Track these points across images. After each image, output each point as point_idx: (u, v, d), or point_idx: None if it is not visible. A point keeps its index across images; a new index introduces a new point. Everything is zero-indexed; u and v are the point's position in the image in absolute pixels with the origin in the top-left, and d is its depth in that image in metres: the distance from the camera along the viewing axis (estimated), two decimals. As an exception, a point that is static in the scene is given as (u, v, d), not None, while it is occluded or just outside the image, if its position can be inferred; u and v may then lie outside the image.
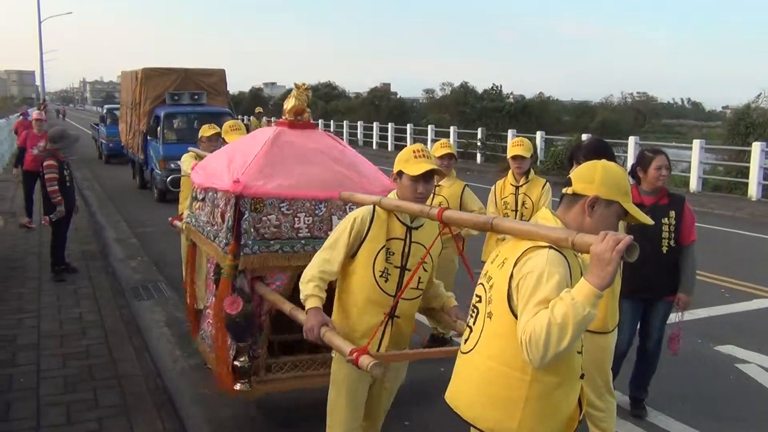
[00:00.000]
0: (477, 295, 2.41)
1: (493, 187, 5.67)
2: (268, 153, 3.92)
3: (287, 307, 3.48)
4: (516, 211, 5.42)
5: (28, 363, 5.09)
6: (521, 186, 5.44)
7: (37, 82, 66.11)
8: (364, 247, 3.08)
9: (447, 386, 2.53)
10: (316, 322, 2.96)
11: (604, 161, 2.34)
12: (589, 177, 2.27)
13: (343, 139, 31.29)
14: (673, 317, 4.45)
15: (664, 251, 4.26)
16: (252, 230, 3.72)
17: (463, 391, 2.39)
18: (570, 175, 2.36)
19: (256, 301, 3.85)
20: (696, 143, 17.44)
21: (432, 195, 5.46)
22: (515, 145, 5.50)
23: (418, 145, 3.18)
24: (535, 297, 2.08)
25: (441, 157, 5.34)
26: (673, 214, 4.25)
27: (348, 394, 3.17)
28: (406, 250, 3.12)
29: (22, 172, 10.88)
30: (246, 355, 3.85)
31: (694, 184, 17.03)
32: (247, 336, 3.83)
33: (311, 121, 4.30)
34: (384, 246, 3.09)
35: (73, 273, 7.76)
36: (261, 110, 22.25)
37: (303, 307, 3.10)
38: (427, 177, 3.06)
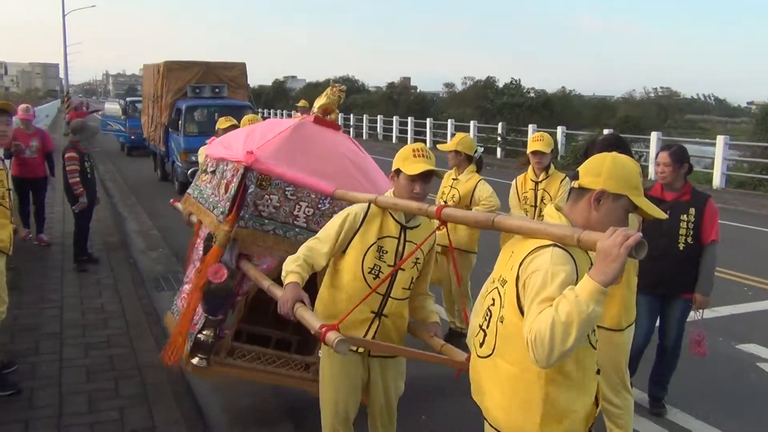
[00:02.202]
0: (492, 298, 2.36)
1: (513, 182, 5.65)
2: (288, 138, 3.89)
3: (266, 283, 3.43)
4: (535, 206, 5.39)
5: (51, 352, 5.17)
6: (541, 181, 5.40)
7: (61, 75, 66.72)
8: (354, 243, 3.06)
9: (463, 382, 2.54)
10: (291, 296, 2.88)
11: (614, 154, 2.27)
12: (596, 170, 2.21)
13: (363, 132, 30.86)
14: (693, 316, 4.39)
15: (681, 248, 4.20)
16: (252, 205, 3.70)
17: (492, 396, 2.34)
18: (578, 169, 2.30)
19: (237, 280, 3.83)
20: (720, 139, 17.13)
21: (449, 188, 5.51)
22: (535, 140, 5.47)
23: (419, 144, 3.14)
24: (540, 296, 2.03)
25: (450, 152, 5.55)
26: (693, 211, 4.19)
27: (335, 389, 3.15)
28: (400, 249, 3.08)
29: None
30: (212, 330, 3.83)
31: (717, 181, 16.81)
32: (220, 311, 3.82)
33: (338, 123, 4.27)
34: (375, 243, 3.06)
35: (95, 264, 7.84)
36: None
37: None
38: (425, 177, 3.01)
